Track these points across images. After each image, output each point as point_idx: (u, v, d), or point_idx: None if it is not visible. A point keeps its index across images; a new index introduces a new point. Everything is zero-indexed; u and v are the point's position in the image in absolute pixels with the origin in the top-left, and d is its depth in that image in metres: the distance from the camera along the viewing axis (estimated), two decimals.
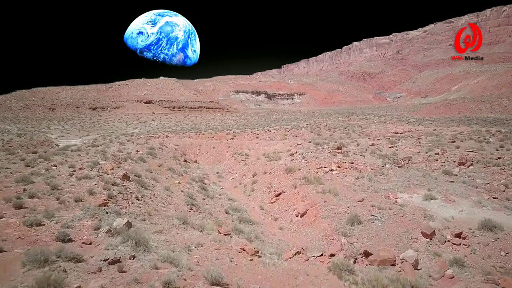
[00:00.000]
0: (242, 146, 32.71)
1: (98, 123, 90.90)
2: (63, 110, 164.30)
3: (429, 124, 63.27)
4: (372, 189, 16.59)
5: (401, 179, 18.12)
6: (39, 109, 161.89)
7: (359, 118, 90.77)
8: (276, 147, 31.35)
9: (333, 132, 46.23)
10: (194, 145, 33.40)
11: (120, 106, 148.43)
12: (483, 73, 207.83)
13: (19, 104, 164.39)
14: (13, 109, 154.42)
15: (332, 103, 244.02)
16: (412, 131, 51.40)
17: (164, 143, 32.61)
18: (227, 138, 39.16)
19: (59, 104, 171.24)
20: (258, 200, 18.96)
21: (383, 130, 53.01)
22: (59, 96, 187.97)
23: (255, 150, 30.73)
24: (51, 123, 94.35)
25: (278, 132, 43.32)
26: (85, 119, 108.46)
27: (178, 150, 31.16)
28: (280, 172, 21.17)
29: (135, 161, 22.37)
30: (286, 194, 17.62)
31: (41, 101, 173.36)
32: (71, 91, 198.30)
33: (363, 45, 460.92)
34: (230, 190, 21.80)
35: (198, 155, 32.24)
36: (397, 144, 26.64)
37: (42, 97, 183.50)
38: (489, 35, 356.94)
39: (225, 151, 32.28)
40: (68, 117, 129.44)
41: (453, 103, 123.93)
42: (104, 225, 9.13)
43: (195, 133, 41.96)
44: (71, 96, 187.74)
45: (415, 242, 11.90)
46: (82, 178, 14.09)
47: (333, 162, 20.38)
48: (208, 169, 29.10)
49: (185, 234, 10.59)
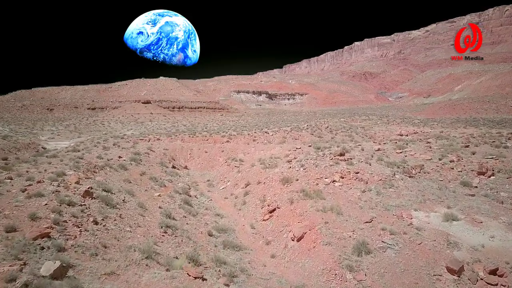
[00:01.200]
0: (236, 150, 30.29)
1: (94, 124, 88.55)
2: (61, 110, 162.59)
3: (435, 125, 60.72)
4: (382, 205, 14.14)
5: (414, 192, 15.67)
6: (37, 109, 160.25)
7: (361, 118, 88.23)
8: (273, 152, 28.94)
9: (335, 134, 43.77)
10: (185, 149, 30.98)
11: (118, 107, 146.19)
12: (486, 73, 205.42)
13: (17, 105, 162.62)
14: (10, 109, 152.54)
15: (333, 103, 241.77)
16: (418, 133, 48.91)
17: (152, 147, 30.20)
18: (222, 141, 36.76)
19: (57, 105, 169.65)
20: (250, 215, 16.52)
21: (387, 132, 50.51)
22: (59, 96, 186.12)
23: (251, 155, 28.32)
24: (46, 124, 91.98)
25: (276, 135, 40.87)
26: (81, 120, 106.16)
27: (167, 155, 28.75)
28: (275, 183, 18.73)
29: (114, 169, 19.97)
30: (281, 210, 15.16)
31: (39, 102, 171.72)
32: (70, 91, 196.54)
33: (364, 45, 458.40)
34: (219, 203, 19.39)
35: (189, 160, 29.84)
36: (405, 149, 24.13)
37: (42, 97, 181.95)
38: (491, 35, 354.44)
39: (218, 155, 29.86)
40: (66, 117, 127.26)
41: (457, 103, 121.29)
42: (25, 274, 6.68)
43: (189, 136, 39.52)
44: (71, 96, 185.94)
45: (439, 281, 9.48)
46: (33, 196, 11.66)
47: (336, 171, 17.92)
48: (199, 176, 26.67)
49: (144, 276, 8.18)
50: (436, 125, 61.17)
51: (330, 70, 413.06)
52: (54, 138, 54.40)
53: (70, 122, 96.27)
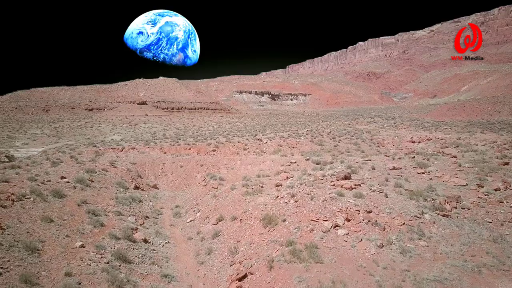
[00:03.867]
0: (219, 164, 25.05)
1: (81, 127, 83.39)
2: (57, 111, 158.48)
3: (448, 130, 55.09)
4: (412, 280, 8.84)
5: (457, 248, 10.36)
6: (32, 110, 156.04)
7: (366, 121, 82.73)
8: (262, 167, 23.70)
9: (338, 141, 38.37)
10: (157, 163, 25.66)
11: (115, 108, 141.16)
12: (493, 73, 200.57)
13: (12, 105, 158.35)
14: (5, 110, 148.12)
15: (337, 103, 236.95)
16: (432, 139, 43.40)
17: (117, 160, 24.93)
18: (207, 151, 31.54)
19: (54, 106, 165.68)
20: (212, 278, 11.25)
21: (396, 138, 45.05)
22: (58, 97, 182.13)
23: (235, 171, 23.11)
24: (33, 126, 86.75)
25: (271, 142, 35.62)
26: (72, 122, 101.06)
27: (132, 171, 23.45)
28: (255, 221, 13.46)
29: (42, 198, 14.76)
30: (254, 280, 9.86)
31: (36, 102, 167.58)
32: (69, 91, 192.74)
33: (368, 45, 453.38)
34: (178, 248, 14.10)
35: (160, 177, 24.57)
36: (428, 168, 18.72)
37: (41, 98, 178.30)
38: (497, 35, 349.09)
39: (195, 171, 24.58)
40: (59, 119, 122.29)
41: (467, 105, 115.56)
42: None
43: (170, 144, 34.32)
44: (69, 97, 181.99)
45: None
46: None
47: (339, 209, 12.59)
48: (168, 198, 21.41)
49: None
50: (450, 130, 55.59)
51: (334, 70, 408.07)
52: (28, 144, 49.48)
53: (59, 125, 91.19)
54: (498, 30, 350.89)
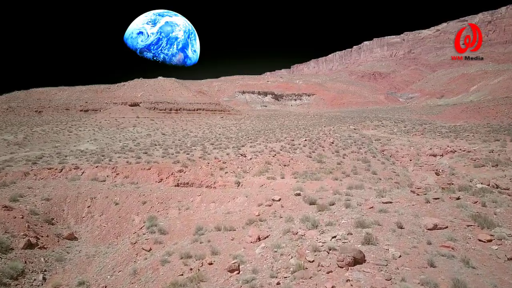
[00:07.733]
0: (169, 200, 17.51)
1: (57, 133, 75.68)
2: (51, 112, 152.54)
3: (470, 138, 46.87)
4: None
5: None
6: (24, 111, 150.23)
7: (374, 124, 74.80)
8: (231, 207, 16.25)
9: (342, 157, 30.65)
10: (83, 199, 18.03)
11: (109, 109, 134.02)
12: (503, 72, 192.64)
13: (3, 107, 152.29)
14: None
15: (342, 104, 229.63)
16: (456, 151, 35.47)
17: (24, 195, 17.45)
18: (171, 172, 24.09)
19: (47, 107, 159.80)
20: None
21: (413, 150, 37.16)
22: (55, 97, 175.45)
23: (188, 215, 15.60)
24: (10, 130, 79.54)
25: (257, 159, 28.13)
26: (58, 125, 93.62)
27: (39, 214, 15.95)
28: None
29: None
30: None
31: (29, 103, 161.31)
32: (67, 92, 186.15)
33: (373, 45, 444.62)
34: None
35: (85, 220, 17.06)
36: (494, 228, 11.02)
37: (38, 98, 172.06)
38: (504, 34, 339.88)
39: (134, 211, 17.06)
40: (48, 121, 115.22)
41: (482, 106, 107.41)
42: None
43: (128, 161, 26.86)
44: (66, 97, 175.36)
45: None
46: None
47: None
48: (80, 262, 13.90)
49: None
50: (472, 137, 47.59)
51: (339, 70, 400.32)
52: None
53: (41, 128, 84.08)
54: (506, 29, 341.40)
